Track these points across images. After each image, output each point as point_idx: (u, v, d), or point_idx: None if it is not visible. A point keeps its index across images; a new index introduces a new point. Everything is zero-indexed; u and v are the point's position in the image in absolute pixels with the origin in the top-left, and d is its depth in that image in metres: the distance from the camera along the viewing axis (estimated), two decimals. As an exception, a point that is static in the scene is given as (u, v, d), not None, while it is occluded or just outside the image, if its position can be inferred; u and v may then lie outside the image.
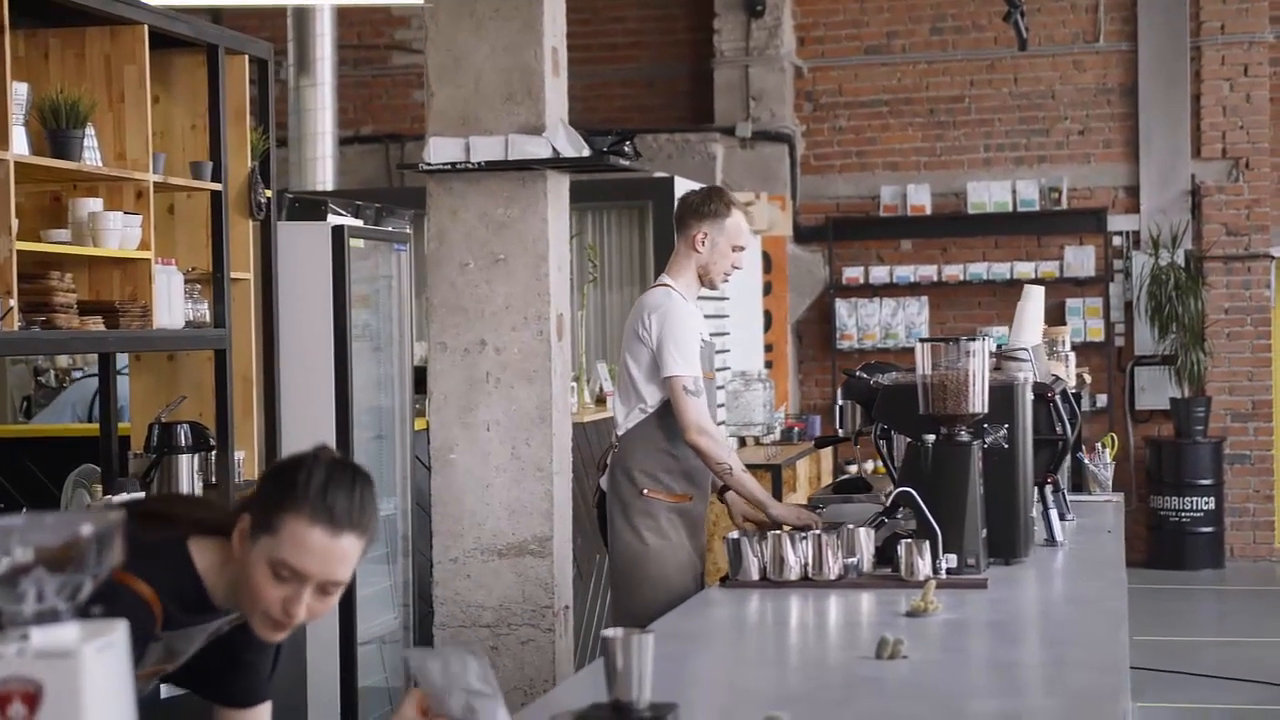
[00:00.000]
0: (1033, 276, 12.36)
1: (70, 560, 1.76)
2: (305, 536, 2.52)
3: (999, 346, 5.40)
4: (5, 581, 1.74)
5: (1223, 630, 10.47)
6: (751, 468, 9.19)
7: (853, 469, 12.20)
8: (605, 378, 8.47)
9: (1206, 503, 12.17)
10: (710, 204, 5.28)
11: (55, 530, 1.77)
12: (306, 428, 6.20)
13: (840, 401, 5.19)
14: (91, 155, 4.90)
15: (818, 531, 4.35)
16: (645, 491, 5.17)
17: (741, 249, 5.30)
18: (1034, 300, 5.57)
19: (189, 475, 5.39)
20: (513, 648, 5.68)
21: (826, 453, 11.32)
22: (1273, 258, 12.53)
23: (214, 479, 5.58)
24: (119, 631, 1.80)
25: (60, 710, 1.72)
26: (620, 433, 5.26)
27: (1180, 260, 12.28)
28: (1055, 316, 12.27)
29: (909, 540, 4.24)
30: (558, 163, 5.76)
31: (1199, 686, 8.55)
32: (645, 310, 5.19)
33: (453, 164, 5.72)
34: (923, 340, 4.48)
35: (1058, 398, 5.08)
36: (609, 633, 2.75)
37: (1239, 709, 8.13)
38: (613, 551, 5.26)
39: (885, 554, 4.36)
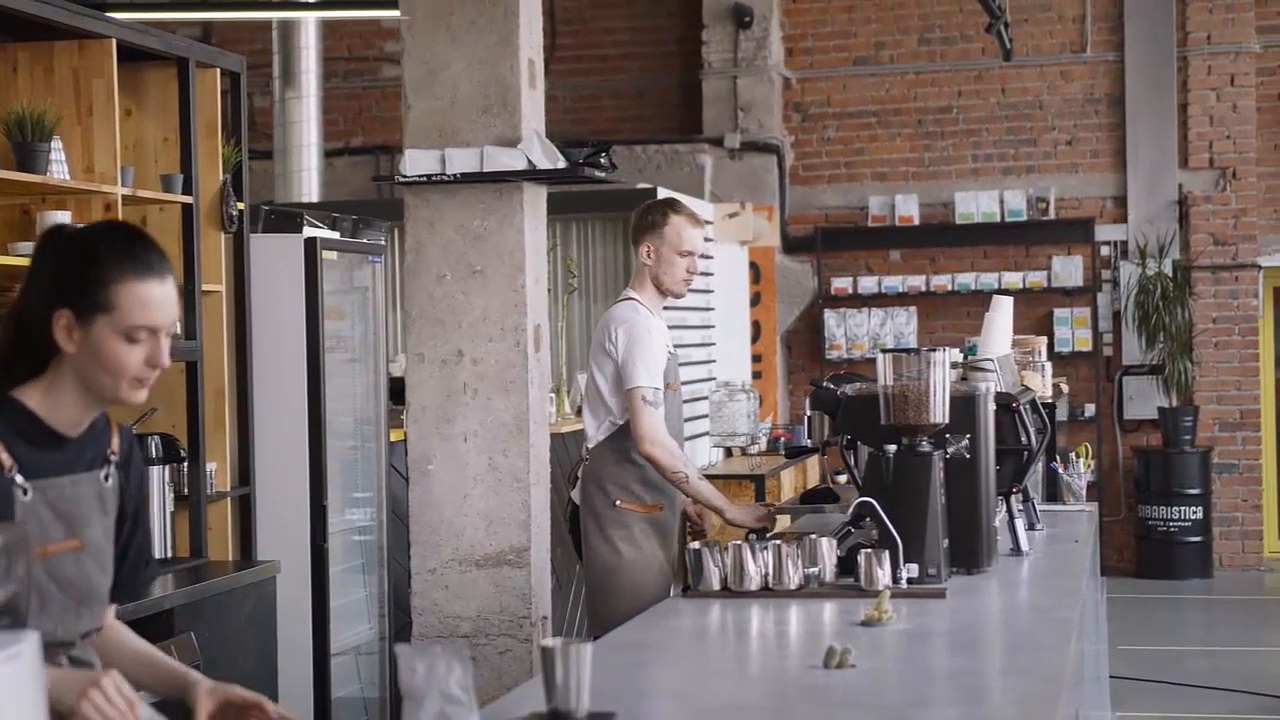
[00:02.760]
0: (1021, 286, 12.38)
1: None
2: (143, 293, 2.68)
3: (965, 357, 5.41)
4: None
5: (1210, 639, 10.47)
6: (735, 478, 9.28)
7: (842, 479, 12.20)
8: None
9: (1195, 512, 12.18)
10: (648, 216, 5.41)
11: (-39, 542, 1.79)
12: (279, 439, 6.22)
13: (809, 412, 5.21)
14: (59, 168, 4.92)
15: (779, 541, 4.36)
16: (618, 503, 5.27)
17: (689, 254, 5.37)
18: (1002, 311, 5.59)
19: (160, 487, 5.40)
20: (491, 658, 5.68)
21: (813, 463, 11.33)
22: (1260, 267, 12.54)
23: (185, 490, 5.60)
24: (28, 643, 1.81)
25: (-35, 720, 1.74)
26: (590, 445, 5.36)
27: (1168, 270, 12.30)
28: (1043, 326, 12.30)
29: (869, 550, 4.25)
30: (533, 174, 5.77)
31: (1185, 696, 8.55)
32: (611, 324, 5.30)
33: (429, 176, 5.74)
34: (884, 351, 4.50)
35: (1024, 408, 5.08)
36: (547, 643, 2.77)
37: (1226, 718, 8.13)
38: (587, 563, 5.35)
39: (849, 564, 4.37)
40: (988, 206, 12.67)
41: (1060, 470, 6.43)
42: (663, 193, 9.85)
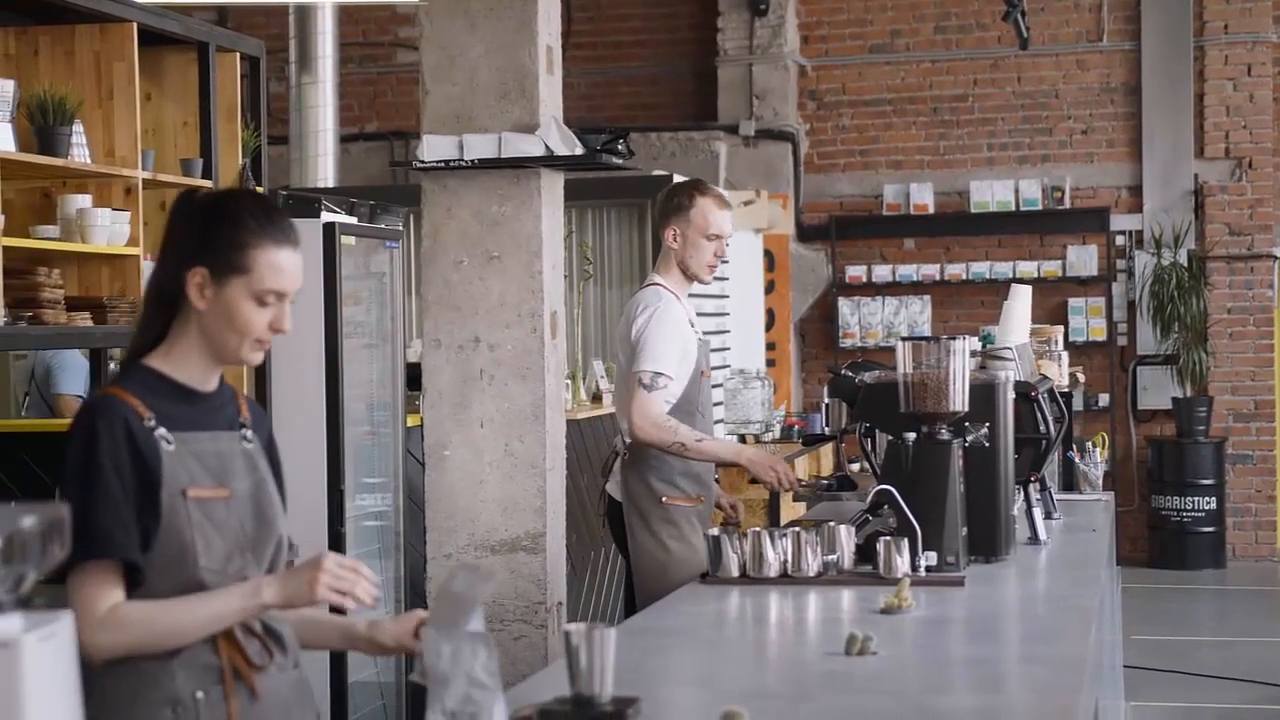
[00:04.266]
0: (1035, 276, 12.37)
1: (13, 552, 1.79)
2: (278, 260, 2.79)
3: (984, 345, 5.41)
4: (-53, 572, 1.77)
5: (1223, 630, 10.47)
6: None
7: (855, 467, 12.21)
8: (601, 375, 8.49)
9: (1208, 503, 12.17)
10: (674, 198, 5.27)
11: (-3, 522, 1.79)
12: (297, 424, 6.23)
13: (826, 399, 5.19)
14: (80, 152, 4.93)
15: (798, 529, 4.36)
16: (665, 499, 5.16)
17: (717, 237, 5.24)
18: (1021, 299, 5.58)
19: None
20: (505, 644, 5.69)
21: (828, 450, 11.33)
22: (1275, 258, 12.52)
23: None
24: (63, 624, 1.82)
25: (1, 700, 1.74)
26: (629, 439, 5.21)
27: (1183, 260, 12.28)
28: (1057, 316, 12.29)
29: (888, 538, 4.25)
30: (551, 160, 5.77)
31: (1197, 686, 8.55)
32: (636, 309, 5.21)
33: (446, 162, 5.74)
34: (904, 339, 4.49)
35: (1042, 396, 5.08)
36: (571, 628, 2.77)
37: (1237, 709, 8.14)
38: (636, 560, 5.22)
39: (867, 552, 4.37)
40: (1003, 195, 12.66)
41: (1077, 459, 6.43)
42: (678, 177, 9.83)
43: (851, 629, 3.36)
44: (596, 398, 8.29)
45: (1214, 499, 12.18)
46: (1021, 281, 10.42)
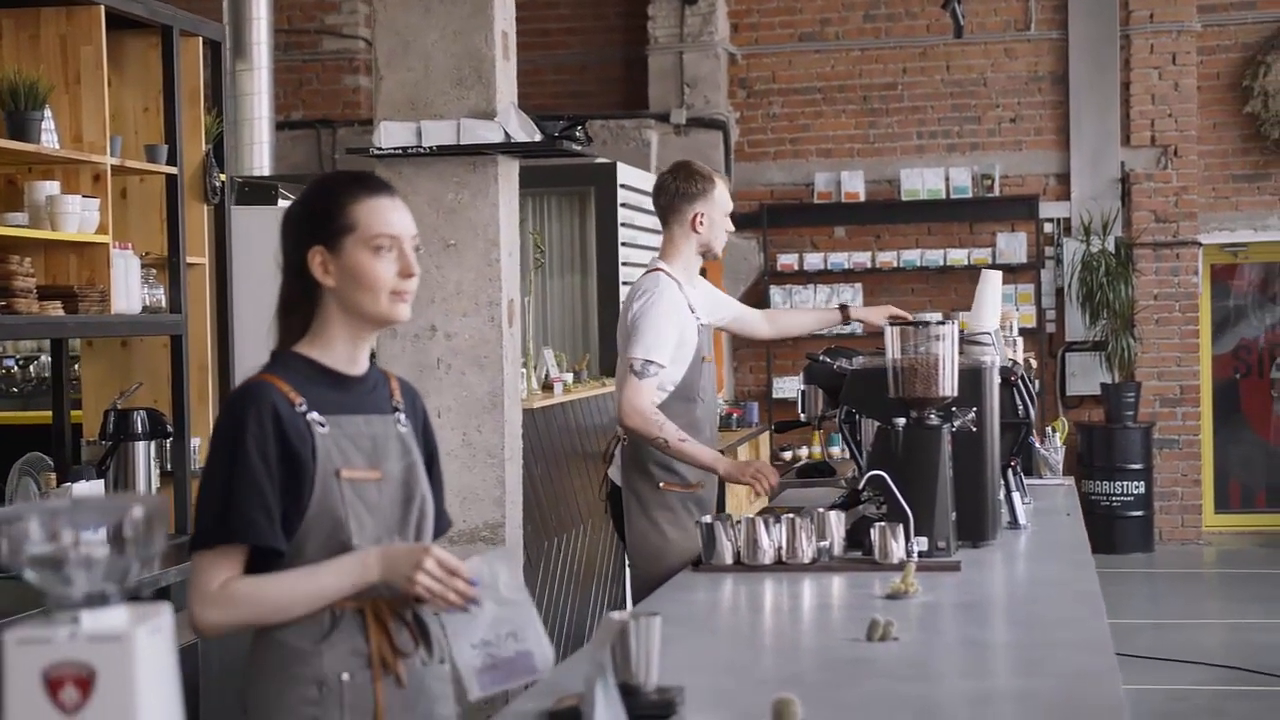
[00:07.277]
0: (966, 263, 12.46)
1: (123, 543, 1.75)
2: (376, 206, 2.85)
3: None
4: (54, 564, 1.73)
5: (1154, 613, 10.60)
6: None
7: (787, 455, 12.25)
8: (552, 364, 8.45)
9: (1136, 487, 12.32)
10: (694, 182, 5.27)
11: (104, 513, 1.75)
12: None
13: (802, 386, 5.18)
14: (49, 138, 4.83)
15: (792, 515, 4.34)
16: (662, 485, 5.15)
17: (730, 212, 5.37)
18: (992, 284, 5.60)
19: (145, 462, 5.32)
20: (465, 634, 5.64)
21: (765, 439, 11.36)
22: (1200, 244, 12.68)
23: (169, 466, 5.52)
24: (165, 615, 1.78)
25: (113, 693, 1.71)
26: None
27: (1111, 247, 12.41)
28: (989, 303, 12.37)
29: (883, 524, 4.25)
30: (509, 147, 5.73)
31: (1130, 668, 8.64)
32: (633, 297, 5.17)
33: (403, 149, 5.68)
34: (893, 323, 4.49)
35: (1019, 380, 5.11)
36: (616, 615, 2.75)
37: (1171, 689, 8.24)
38: (633, 546, 5.20)
39: (854, 538, 4.37)
40: (933, 183, 12.73)
41: (1038, 445, 6.47)
42: (626, 170, 9.77)
43: (870, 615, 3.35)
44: (548, 387, 8.24)
45: (1142, 483, 12.33)
46: (964, 268, 10.47)
